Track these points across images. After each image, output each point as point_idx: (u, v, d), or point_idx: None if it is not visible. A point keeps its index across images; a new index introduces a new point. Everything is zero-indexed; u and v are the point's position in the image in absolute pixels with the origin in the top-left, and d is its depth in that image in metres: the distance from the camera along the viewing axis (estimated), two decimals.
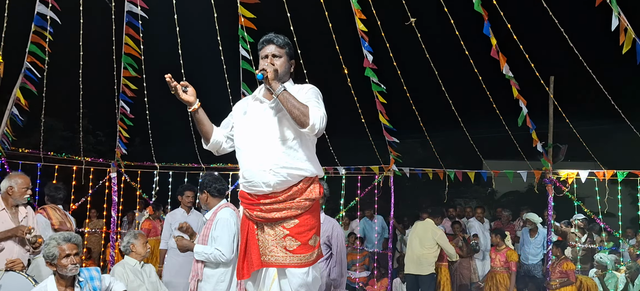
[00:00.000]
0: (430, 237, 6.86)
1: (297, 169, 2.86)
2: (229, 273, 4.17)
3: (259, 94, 3.00)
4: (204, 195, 4.39)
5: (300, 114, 2.73)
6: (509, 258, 7.19)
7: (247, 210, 2.96)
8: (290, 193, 2.86)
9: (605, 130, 11.77)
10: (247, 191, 2.94)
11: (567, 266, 6.71)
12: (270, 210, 2.88)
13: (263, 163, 2.82)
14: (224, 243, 4.10)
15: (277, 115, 2.87)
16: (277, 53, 2.92)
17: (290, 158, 2.84)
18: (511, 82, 6.58)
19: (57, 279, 3.64)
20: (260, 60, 2.95)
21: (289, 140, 2.85)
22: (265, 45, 2.95)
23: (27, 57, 6.60)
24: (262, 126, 2.88)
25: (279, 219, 2.89)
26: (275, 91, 2.73)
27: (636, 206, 6.61)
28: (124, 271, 4.60)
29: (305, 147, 2.91)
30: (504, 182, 10.05)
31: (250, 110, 2.98)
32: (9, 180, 4.60)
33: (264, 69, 2.74)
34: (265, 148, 2.84)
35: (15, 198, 4.54)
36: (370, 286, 8.27)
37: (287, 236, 2.90)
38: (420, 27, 6.47)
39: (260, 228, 2.94)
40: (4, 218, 4.48)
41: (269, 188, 2.83)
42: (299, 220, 2.91)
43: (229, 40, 6.99)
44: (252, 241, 2.94)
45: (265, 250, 2.92)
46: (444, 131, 10.47)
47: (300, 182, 2.89)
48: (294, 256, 2.90)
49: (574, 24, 6.72)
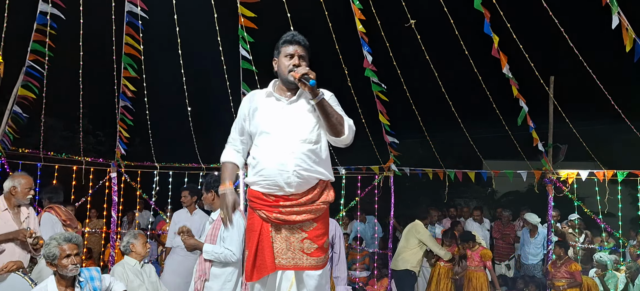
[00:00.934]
0: (413, 236, 6.95)
1: (317, 172, 2.85)
2: (236, 273, 4.18)
3: (274, 91, 2.93)
4: (210, 195, 4.38)
5: (338, 123, 2.76)
6: (483, 257, 7.16)
7: (263, 211, 2.87)
8: (310, 196, 2.84)
9: (605, 130, 11.77)
10: (263, 191, 2.86)
11: (575, 267, 6.71)
12: (289, 213, 2.83)
13: (286, 164, 2.76)
14: (235, 243, 4.11)
15: (299, 116, 2.84)
16: (303, 54, 2.88)
17: (312, 160, 2.82)
18: (511, 82, 6.58)
19: (57, 279, 3.64)
20: (281, 56, 2.89)
21: (312, 142, 2.83)
22: (291, 44, 2.88)
23: (29, 55, 6.61)
24: (285, 126, 2.82)
25: (298, 222, 2.85)
26: (316, 96, 2.71)
27: (636, 206, 6.61)
28: (124, 271, 4.60)
29: (325, 151, 2.91)
30: (504, 182, 10.06)
31: (267, 108, 2.90)
32: (12, 180, 4.59)
33: (307, 74, 2.70)
34: (289, 149, 2.78)
35: (18, 198, 4.54)
36: (370, 286, 8.27)
37: (306, 239, 2.88)
38: (420, 27, 6.48)
39: (277, 230, 2.89)
40: (6, 218, 4.47)
41: (290, 189, 2.79)
42: (317, 223, 2.91)
43: (229, 41, 6.99)
44: (266, 244, 2.87)
45: (280, 253, 2.87)
46: (444, 131, 10.47)
47: (317, 185, 2.88)
48: (311, 258, 2.88)
49: (574, 24, 6.72)
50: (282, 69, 2.88)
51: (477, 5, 5.76)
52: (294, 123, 2.82)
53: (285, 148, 2.78)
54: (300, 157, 2.78)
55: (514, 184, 12.94)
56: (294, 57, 2.85)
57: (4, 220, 4.46)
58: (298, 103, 2.88)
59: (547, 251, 7.60)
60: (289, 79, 2.83)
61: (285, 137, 2.80)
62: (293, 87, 2.89)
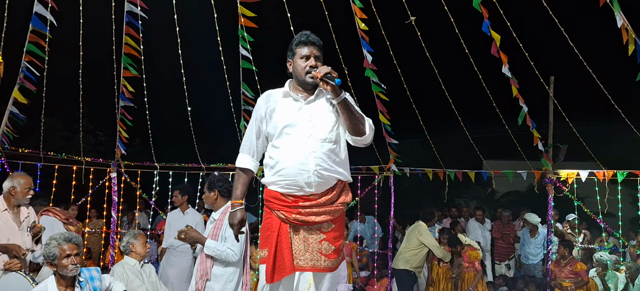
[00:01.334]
0: (415, 237, 6.96)
1: (336, 172, 2.84)
2: (237, 273, 4.18)
3: (291, 92, 2.90)
4: (213, 194, 4.36)
5: (359, 122, 2.75)
6: (470, 258, 7.07)
7: (281, 212, 2.84)
8: (330, 197, 2.83)
9: (605, 130, 11.77)
10: (282, 192, 2.83)
11: (580, 266, 6.71)
12: (309, 214, 2.82)
13: (307, 164, 2.75)
14: (236, 243, 4.10)
15: (318, 115, 2.82)
16: (318, 54, 2.85)
17: (332, 160, 2.81)
18: (511, 81, 6.58)
19: (57, 279, 3.64)
20: (296, 58, 2.85)
21: (332, 142, 2.82)
22: (305, 44, 2.85)
23: (25, 57, 6.60)
24: (304, 126, 2.80)
25: (317, 223, 2.84)
26: (339, 95, 2.70)
27: (636, 206, 6.61)
28: (124, 272, 4.60)
29: (344, 151, 2.89)
30: (504, 182, 10.05)
31: (285, 108, 2.86)
32: (11, 180, 4.58)
33: (330, 73, 2.68)
34: (309, 149, 2.76)
35: (17, 198, 4.53)
36: (370, 286, 8.26)
37: (324, 240, 2.86)
38: (420, 26, 6.48)
39: (295, 231, 2.86)
40: (6, 218, 4.47)
41: (310, 189, 2.78)
42: (335, 225, 2.90)
43: (229, 41, 6.99)
44: (285, 245, 2.84)
45: (298, 254, 2.85)
46: (444, 131, 10.47)
47: (336, 186, 2.87)
48: (328, 260, 2.87)
49: (574, 24, 6.72)
50: (299, 70, 2.84)
51: (476, 4, 5.76)
52: (314, 123, 2.80)
53: (306, 148, 2.77)
54: (321, 157, 2.77)
55: (514, 184, 12.93)
56: (309, 58, 2.82)
57: (4, 220, 4.45)
58: (316, 103, 2.86)
59: (547, 251, 7.60)
60: (306, 81, 2.81)
61: (305, 137, 2.78)
62: (309, 88, 2.87)
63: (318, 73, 2.72)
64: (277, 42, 5.02)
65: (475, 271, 7.07)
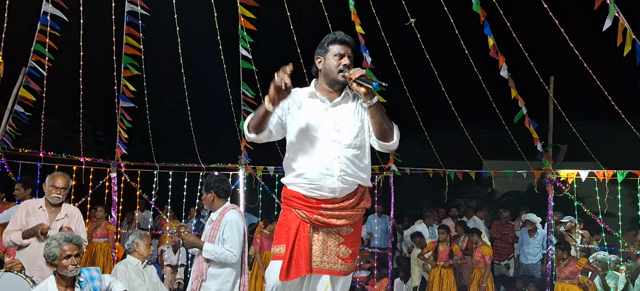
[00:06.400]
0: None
1: (359, 178, 2.83)
2: (234, 274, 4.18)
3: (318, 92, 2.84)
4: (210, 195, 4.35)
5: (389, 128, 2.74)
6: (483, 252, 7.28)
7: (303, 211, 2.82)
8: (351, 201, 2.82)
9: (605, 130, 11.77)
10: (305, 193, 2.80)
11: (583, 261, 6.78)
12: (330, 216, 2.80)
13: (332, 169, 2.73)
14: (235, 245, 4.10)
15: (343, 120, 2.78)
16: (351, 55, 2.82)
17: (356, 166, 2.79)
18: (509, 83, 6.58)
19: (57, 279, 3.64)
20: (329, 55, 2.79)
21: (357, 148, 2.79)
22: (341, 43, 2.81)
23: (32, 56, 6.62)
24: (330, 131, 2.76)
25: (337, 226, 2.83)
26: (371, 99, 2.68)
27: (636, 206, 6.61)
28: (126, 270, 4.61)
29: (367, 156, 2.87)
30: (504, 182, 10.07)
31: (311, 109, 2.81)
32: (47, 179, 4.70)
33: (366, 75, 2.66)
34: (334, 154, 2.74)
35: (47, 197, 4.65)
36: (370, 286, 8.27)
37: (342, 244, 2.86)
38: (420, 27, 6.48)
39: (315, 231, 2.84)
40: (39, 216, 4.57)
41: (333, 193, 2.77)
42: (354, 229, 2.90)
43: (229, 40, 6.99)
44: (304, 244, 2.80)
45: (316, 256, 2.82)
46: (444, 131, 10.47)
47: (357, 190, 2.86)
48: (345, 264, 2.87)
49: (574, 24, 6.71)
50: (331, 67, 2.79)
51: (476, 7, 5.77)
52: (339, 127, 2.77)
53: (331, 153, 2.74)
54: (345, 162, 2.75)
55: (514, 185, 12.94)
56: (343, 57, 2.79)
57: (36, 217, 4.56)
58: (341, 106, 2.82)
59: (546, 251, 7.60)
60: (337, 79, 2.77)
61: (330, 141, 2.75)
62: (338, 89, 2.83)
63: (351, 75, 2.68)
64: (277, 42, 5.02)
65: (485, 266, 7.20)
